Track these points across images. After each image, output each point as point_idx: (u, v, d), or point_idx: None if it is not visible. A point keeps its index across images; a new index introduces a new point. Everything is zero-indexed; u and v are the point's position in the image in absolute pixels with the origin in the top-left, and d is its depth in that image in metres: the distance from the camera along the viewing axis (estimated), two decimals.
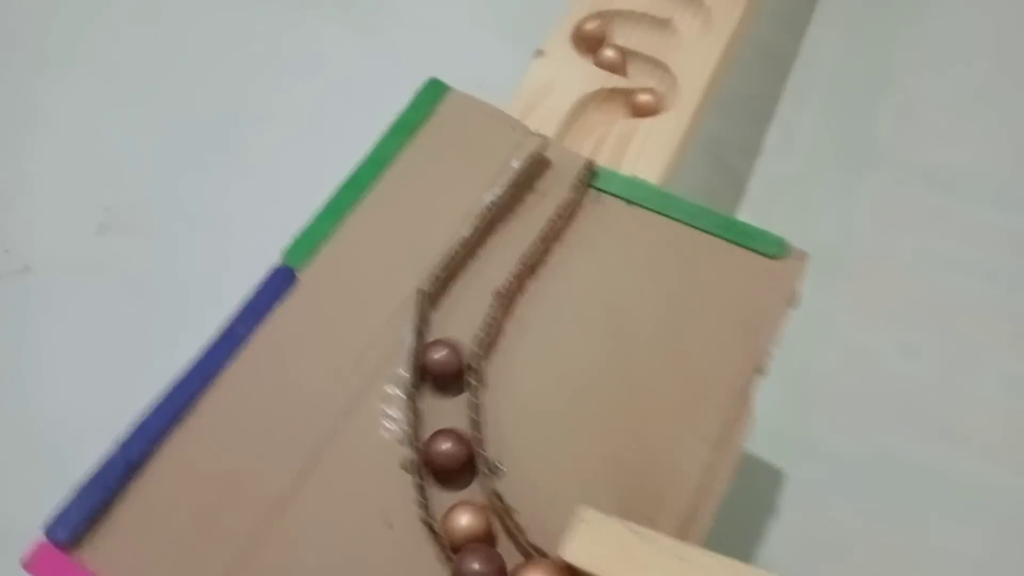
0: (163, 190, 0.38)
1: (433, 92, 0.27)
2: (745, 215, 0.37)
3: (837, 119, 0.40)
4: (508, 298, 0.23)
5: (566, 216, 0.25)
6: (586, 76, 0.29)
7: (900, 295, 0.35)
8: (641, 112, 0.28)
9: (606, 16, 0.30)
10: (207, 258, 0.36)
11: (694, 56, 0.29)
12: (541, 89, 0.28)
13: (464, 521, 0.20)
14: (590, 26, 0.30)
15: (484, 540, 0.20)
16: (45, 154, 0.39)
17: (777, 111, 0.40)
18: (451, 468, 0.21)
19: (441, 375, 0.22)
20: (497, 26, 0.43)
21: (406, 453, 0.21)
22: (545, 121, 0.27)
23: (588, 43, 0.30)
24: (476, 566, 0.19)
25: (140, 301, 0.35)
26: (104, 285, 0.36)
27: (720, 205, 0.37)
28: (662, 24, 0.30)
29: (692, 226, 0.25)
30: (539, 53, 0.29)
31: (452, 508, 0.20)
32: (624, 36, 0.30)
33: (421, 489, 0.21)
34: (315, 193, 0.38)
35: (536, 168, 0.25)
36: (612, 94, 0.29)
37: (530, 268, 0.24)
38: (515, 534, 0.20)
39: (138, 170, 0.39)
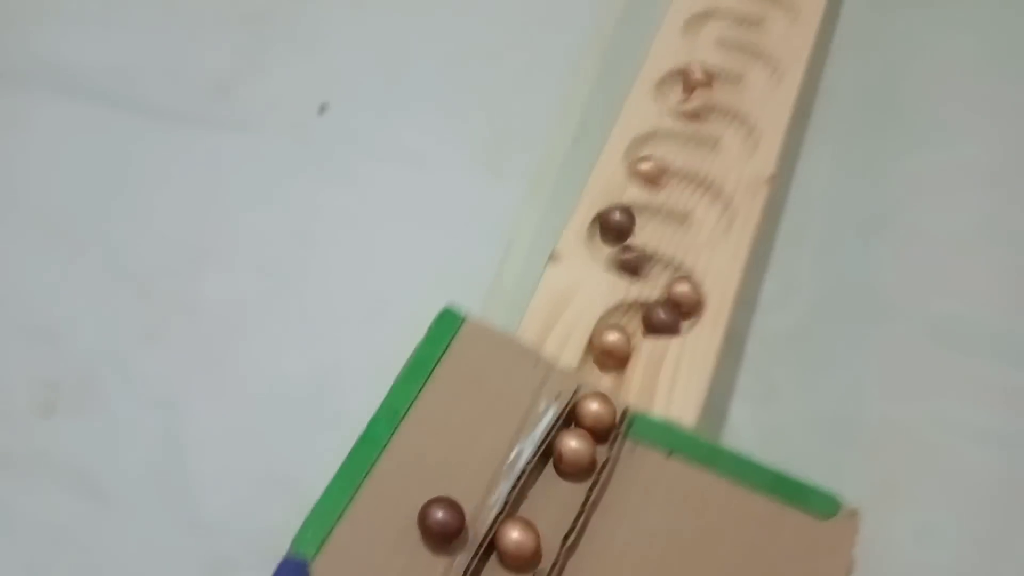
0: (112, 362, 0.34)
1: (447, 325, 0.24)
2: (746, 378, 0.35)
3: (836, 263, 0.38)
4: None
5: (605, 480, 0.22)
6: (608, 287, 0.26)
7: (914, 468, 0.33)
8: (662, 328, 0.26)
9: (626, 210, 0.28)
10: (162, 444, 0.32)
11: (720, 256, 0.27)
12: (559, 301, 0.26)
13: None
14: (618, 217, 0.27)
15: None
16: None
17: (773, 256, 0.38)
18: None
19: None
20: (471, 153, 0.40)
21: None
22: (566, 341, 0.25)
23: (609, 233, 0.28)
24: None
25: (92, 499, 0.31)
26: (51, 479, 0.32)
27: (719, 366, 0.35)
28: (681, 218, 0.28)
29: (738, 482, 0.23)
30: (554, 258, 0.27)
31: None
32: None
33: None
34: (288, 367, 0.36)
35: (568, 416, 0.23)
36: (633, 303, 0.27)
37: (571, 548, 0.22)
38: None
39: (83, 338, 0.35)
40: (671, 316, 0.25)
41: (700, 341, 0.25)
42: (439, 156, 0.40)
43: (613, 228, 0.27)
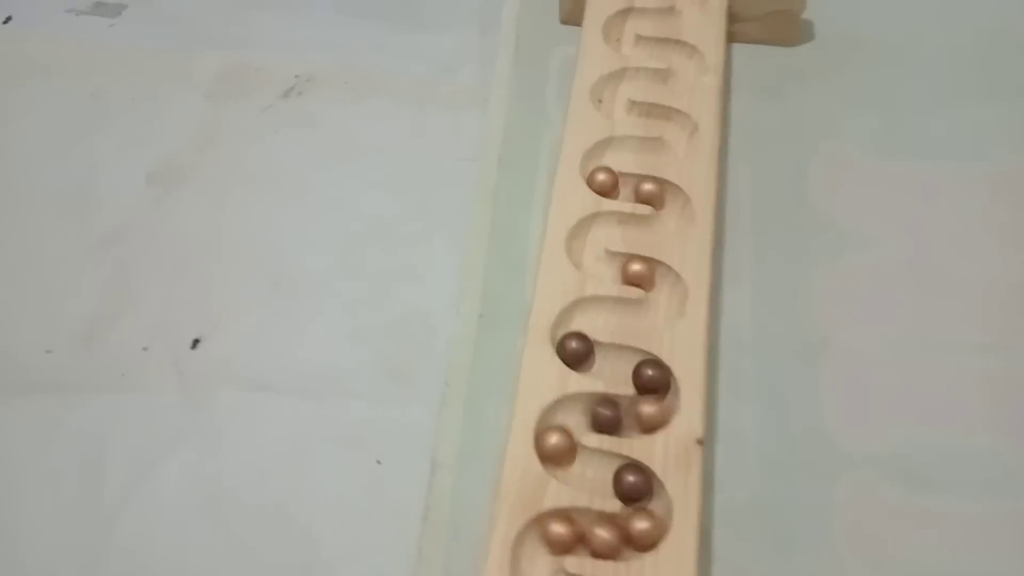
0: None
1: None
2: (719, 568, 0.32)
3: (781, 408, 0.36)
4: None
5: None
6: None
7: None
8: None
9: None
10: None
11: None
12: None
13: None
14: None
15: None
16: None
17: (719, 414, 0.35)
18: None
19: None
20: (371, 367, 0.37)
21: None
22: None
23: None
24: None
25: None
26: None
27: None
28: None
29: None
30: None
31: None
32: None
33: None
34: None
35: None
36: None
37: None
38: None
39: None
40: None
41: None
42: (338, 379, 0.37)
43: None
